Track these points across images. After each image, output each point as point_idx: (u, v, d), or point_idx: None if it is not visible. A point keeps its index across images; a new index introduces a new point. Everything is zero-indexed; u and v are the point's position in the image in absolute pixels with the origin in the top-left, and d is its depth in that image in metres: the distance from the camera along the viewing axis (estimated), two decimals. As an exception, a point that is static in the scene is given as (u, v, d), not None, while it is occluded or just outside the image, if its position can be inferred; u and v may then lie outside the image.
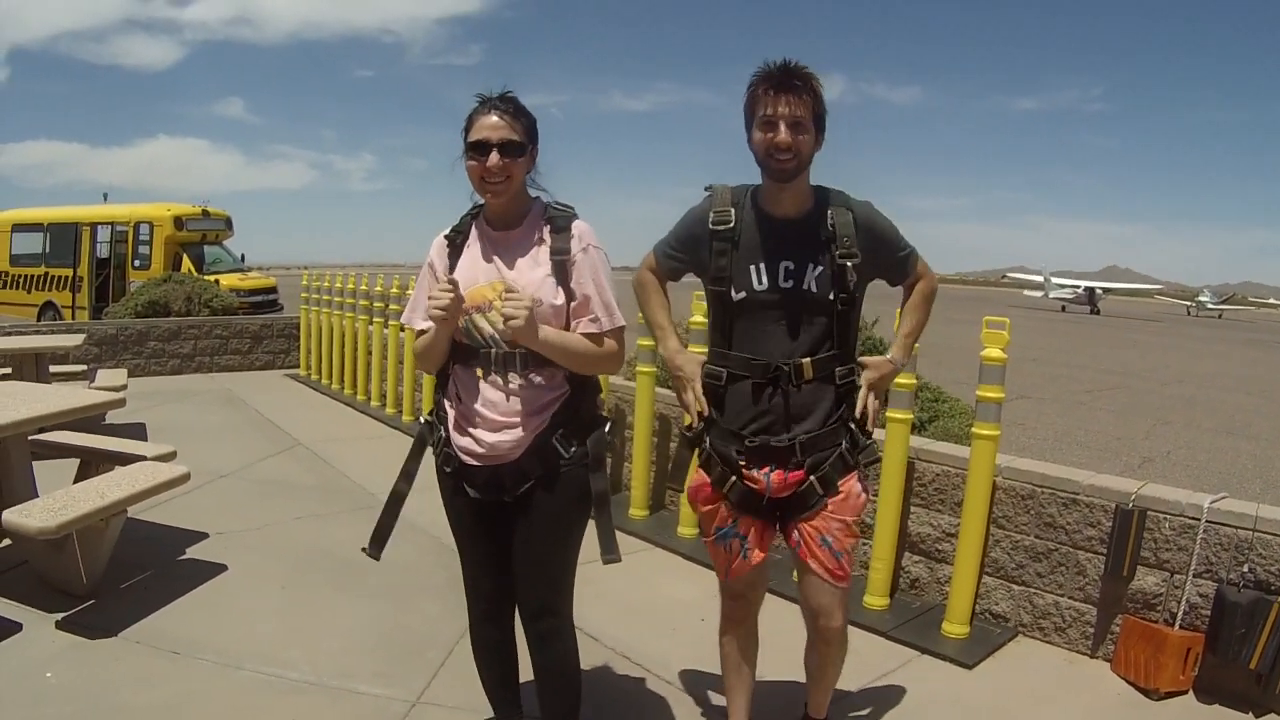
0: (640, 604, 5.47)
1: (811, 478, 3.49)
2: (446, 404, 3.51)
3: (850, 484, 3.54)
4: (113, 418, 9.13)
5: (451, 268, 3.47)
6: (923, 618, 5.45)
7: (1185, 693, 4.81)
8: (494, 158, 3.29)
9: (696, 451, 3.69)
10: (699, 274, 3.67)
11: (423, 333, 3.51)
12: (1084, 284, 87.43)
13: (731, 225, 3.49)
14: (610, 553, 3.46)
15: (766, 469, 3.48)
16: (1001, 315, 5.20)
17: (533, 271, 3.39)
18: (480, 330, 3.38)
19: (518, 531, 3.49)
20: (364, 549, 3.76)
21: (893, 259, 3.63)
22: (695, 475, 3.74)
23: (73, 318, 22.85)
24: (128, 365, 13.07)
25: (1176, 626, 4.81)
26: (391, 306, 11.78)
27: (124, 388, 8.66)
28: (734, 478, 3.54)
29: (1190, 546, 4.82)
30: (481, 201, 3.51)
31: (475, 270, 3.43)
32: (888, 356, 3.65)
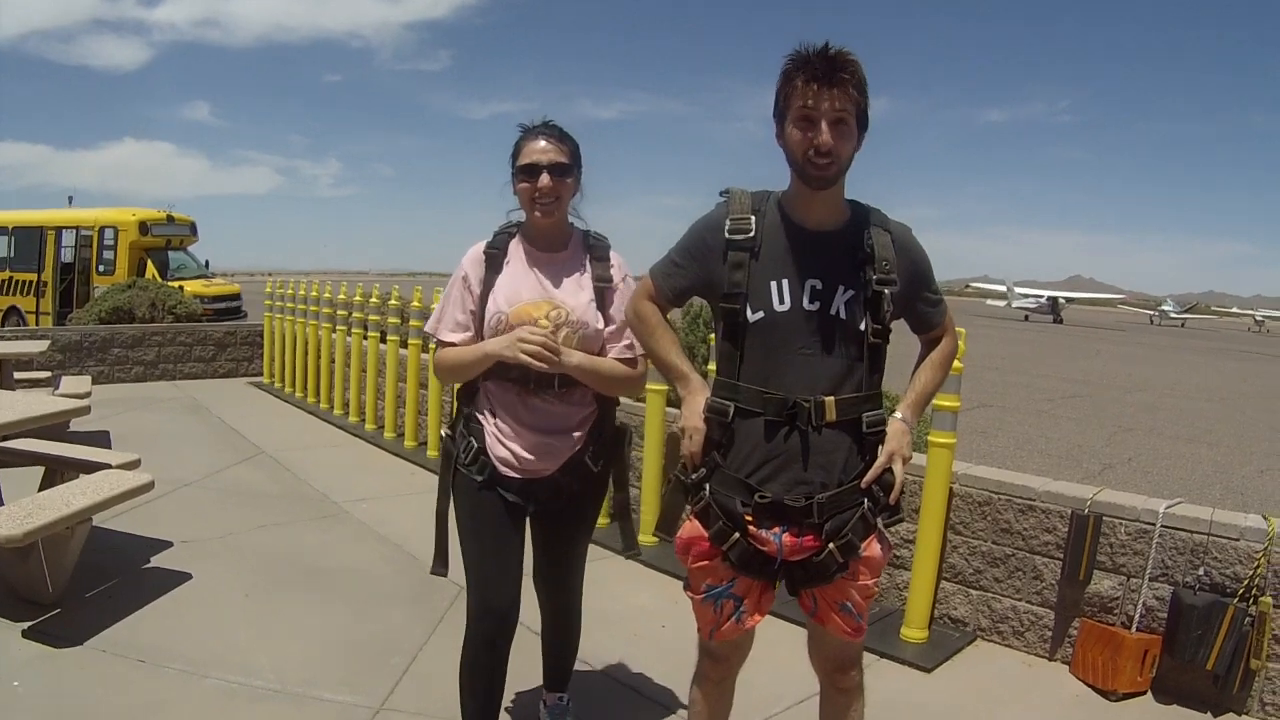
0: (602, 611, 5.48)
1: (831, 545, 2.95)
2: (479, 416, 3.59)
3: (872, 546, 3.05)
4: (76, 424, 9.11)
5: (490, 282, 3.56)
6: (882, 622, 5.46)
7: (1143, 694, 4.89)
8: (544, 179, 3.46)
9: (691, 500, 3.11)
10: (706, 293, 3.15)
11: (446, 344, 3.62)
12: (1047, 293, 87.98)
13: (751, 234, 2.98)
14: (632, 548, 4.11)
15: (777, 529, 2.96)
16: (961, 325, 5.25)
17: (578, 295, 3.57)
18: None
19: (551, 539, 3.85)
20: (432, 571, 3.81)
21: (924, 300, 3.19)
22: (689, 526, 3.14)
23: (37, 323, 22.65)
24: (91, 372, 13.02)
25: (1133, 629, 4.89)
26: (355, 315, 11.74)
27: (88, 395, 8.64)
28: (737, 535, 2.99)
29: (1146, 551, 4.89)
30: (516, 221, 3.68)
31: (519, 288, 3.54)
32: (899, 416, 3.07)
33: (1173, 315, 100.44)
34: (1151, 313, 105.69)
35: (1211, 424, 18.30)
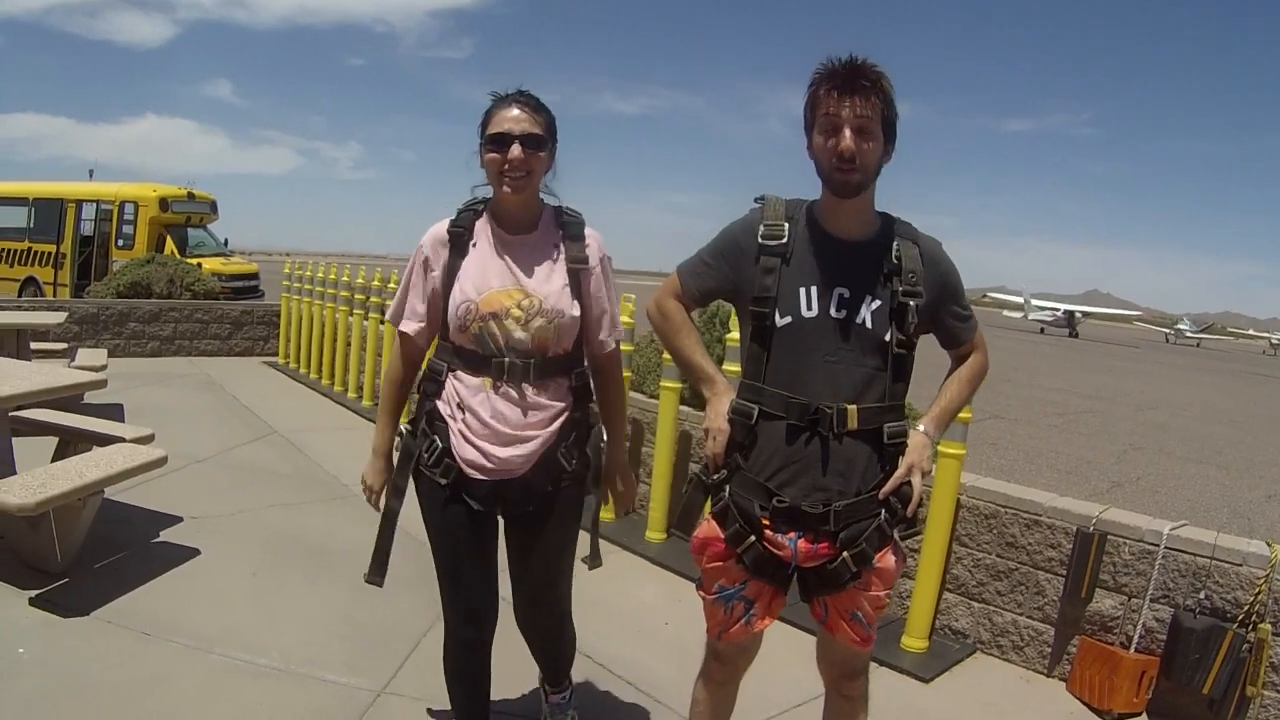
0: (606, 606, 5.52)
1: (845, 554, 2.99)
2: (444, 412, 3.37)
3: (886, 557, 3.08)
4: (91, 397, 9.16)
5: (454, 266, 3.30)
6: (882, 630, 5.34)
7: (1139, 715, 4.89)
8: (515, 150, 3.17)
9: (710, 500, 3.16)
10: (733, 296, 3.19)
11: (406, 336, 3.45)
12: (1064, 307, 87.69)
13: (784, 240, 3.02)
14: (597, 558, 3.65)
15: (793, 534, 2.99)
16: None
17: (550, 281, 3.31)
18: (494, 338, 3.25)
19: (523, 547, 3.50)
20: (365, 577, 3.59)
21: (953, 315, 3.21)
22: (705, 526, 3.17)
23: (54, 294, 22.74)
24: (107, 345, 13.10)
25: (1132, 649, 4.89)
26: (372, 299, 11.85)
27: (104, 368, 8.68)
28: (753, 538, 3.02)
29: (1149, 571, 4.90)
30: (482, 197, 3.41)
31: (487, 273, 3.28)
32: (922, 429, 3.11)
33: (1189, 334, 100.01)
34: (1167, 331, 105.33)
35: (1222, 446, 18.20)
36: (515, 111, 3.23)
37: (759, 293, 3.01)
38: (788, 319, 2.98)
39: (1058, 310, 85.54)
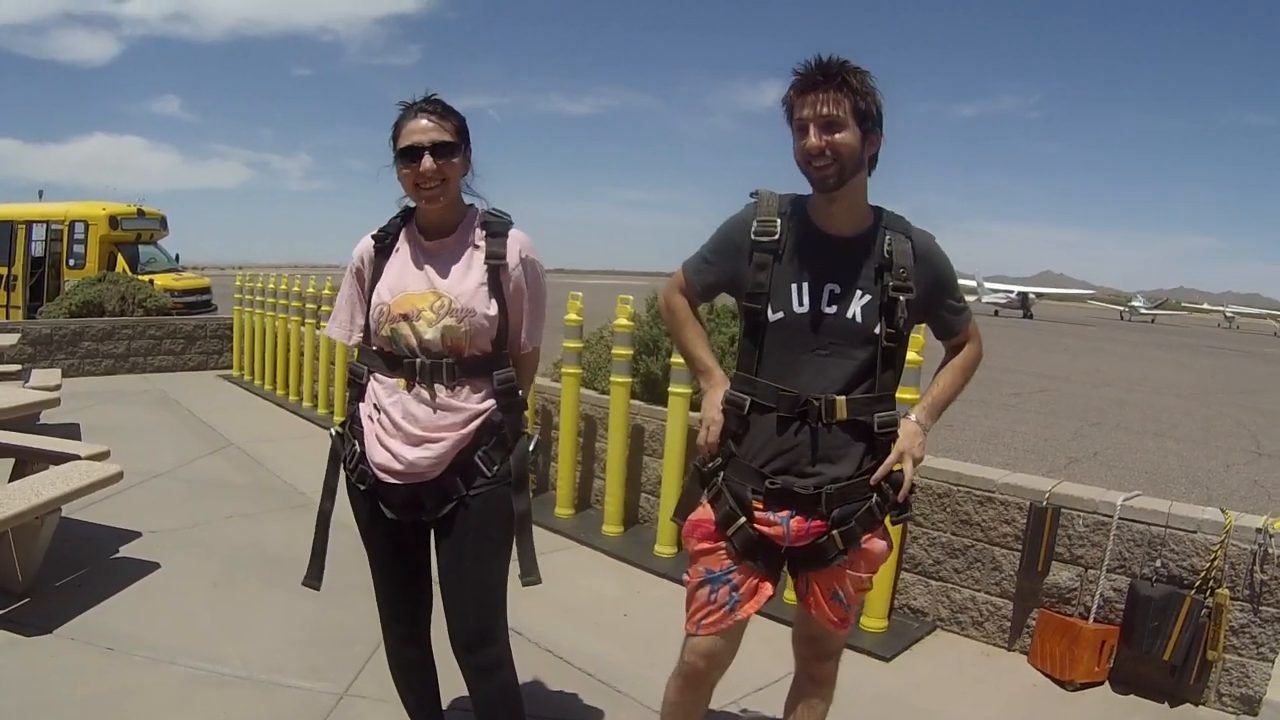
0: (564, 600, 5.55)
1: (834, 531, 3.06)
2: (364, 415, 3.30)
3: (874, 541, 3.16)
4: (46, 417, 9.11)
5: (378, 272, 3.28)
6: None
7: (1101, 684, 4.97)
8: (427, 162, 3.11)
9: (707, 486, 3.20)
10: (733, 290, 3.23)
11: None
12: (1018, 288, 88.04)
13: (776, 237, 3.06)
14: (530, 574, 3.34)
15: (786, 513, 3.05)
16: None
17: (465, 281, 3.23)
18: (406, 339, 3.19)
19: (444, 556, 3.35)
20: (302, 581, 3.59)
21: (946, 308, 3.26)
22: (699, 509, 3.23)
23: (7, 317, 22.50)
24: (61, 365, 13.00)
25: (1091, 620, 4.96)
26: (324, 308, 11.80)
27: (58, 388, 8.63)
28: (742, 519, 3.10)
29: (1104, 542, 4.97)
30: (412, 204, 3.34)
31: (405, 278, 3.24)
32: (913, 419, 3.20)
33: (1143, 311, 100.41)
34: (1122, 308, 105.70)
35: (1179, 419, 18.33)
36: (422, 122, 3.17)
37: (752, 288, 3.08)
38: (780, 314, 3.04)
39: (1011, 292, 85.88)
